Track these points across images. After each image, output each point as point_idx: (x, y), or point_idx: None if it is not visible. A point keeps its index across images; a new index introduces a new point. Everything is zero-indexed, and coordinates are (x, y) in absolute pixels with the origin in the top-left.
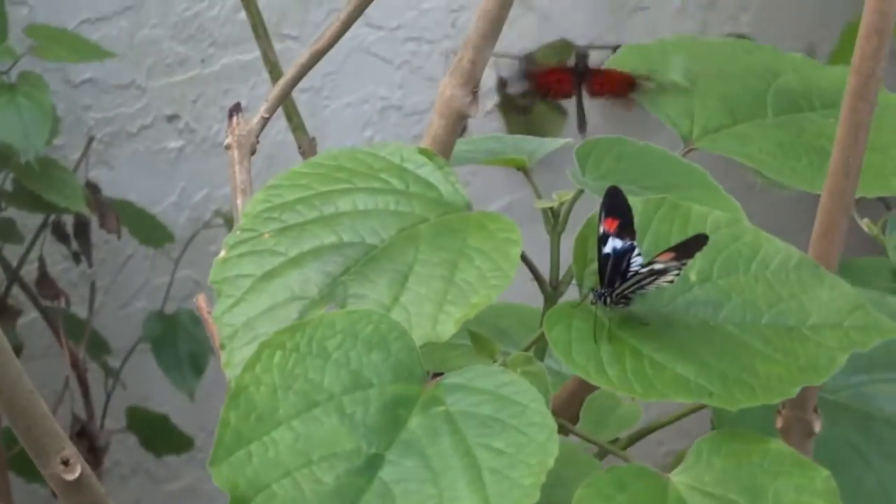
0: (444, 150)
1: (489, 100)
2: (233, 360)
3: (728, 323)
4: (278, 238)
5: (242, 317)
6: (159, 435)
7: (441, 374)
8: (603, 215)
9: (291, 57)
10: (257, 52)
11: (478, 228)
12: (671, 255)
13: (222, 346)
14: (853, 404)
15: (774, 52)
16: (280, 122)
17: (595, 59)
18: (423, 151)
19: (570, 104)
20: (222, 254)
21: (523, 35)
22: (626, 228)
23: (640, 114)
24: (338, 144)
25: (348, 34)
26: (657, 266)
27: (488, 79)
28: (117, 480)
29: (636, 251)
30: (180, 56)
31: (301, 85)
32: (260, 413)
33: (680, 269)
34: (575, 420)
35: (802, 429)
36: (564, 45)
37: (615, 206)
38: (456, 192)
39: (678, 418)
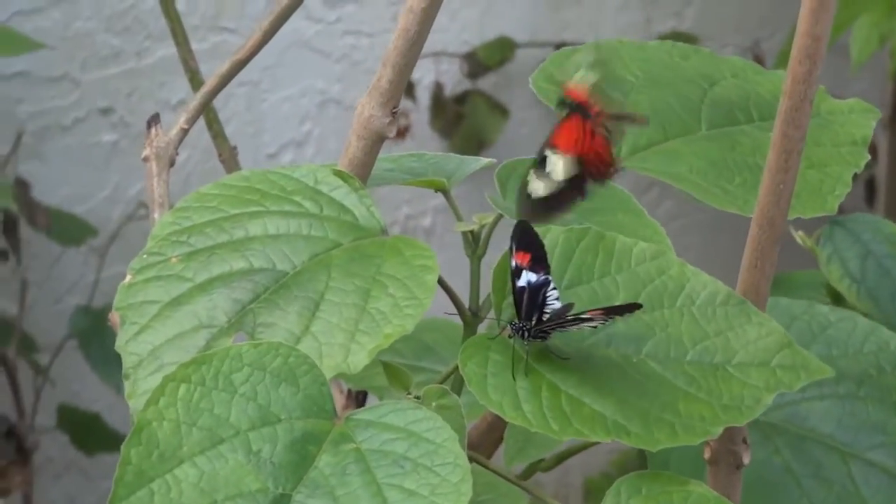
0: (361, 171)
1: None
2: (137, 391)
3: (651, 359)
4: (186, 263)
5: (148, 345)
6: (90, 433)
7: (362, 391)
8: (514, 249)
9: (229, 50)
10: (194, 45)
11: (393, 254)
12: (601, 312)
13: (126, 376)
14: (786, 425)
15: (712, 57)
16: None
17: (538, 55)
18: (338, 173)
19: (513, 104)
20: (128, 278)
21: (466, 27)
22: (539, 262)
23: None
24: (276, 138)
25: (287, 28)
26: (584, 316)
27: (424, 77)
28: (50, 478)
29: (551, 285)
30: (115, 49)
31: (239, 78)
32: (162, 450)
33: (605, 321)
34: (498, 444)
35: (731, 461)
36: (506, 43)
37: (525, 240)
38: (371, 216)
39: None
